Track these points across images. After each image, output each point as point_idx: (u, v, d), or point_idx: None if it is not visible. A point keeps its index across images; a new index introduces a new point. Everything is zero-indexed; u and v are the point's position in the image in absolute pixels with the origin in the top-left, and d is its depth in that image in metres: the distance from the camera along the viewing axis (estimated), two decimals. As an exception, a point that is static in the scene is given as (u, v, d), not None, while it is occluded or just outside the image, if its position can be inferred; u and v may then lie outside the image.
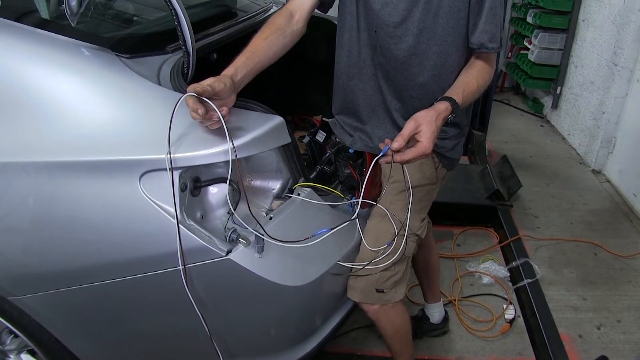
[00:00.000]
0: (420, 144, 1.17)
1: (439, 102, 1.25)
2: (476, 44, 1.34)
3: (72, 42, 1.28)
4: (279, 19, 1.37)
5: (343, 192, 1.61)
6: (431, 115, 1.20)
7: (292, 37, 1.39)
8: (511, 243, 2.73)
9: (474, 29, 1.32)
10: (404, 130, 1.18)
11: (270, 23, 1.36)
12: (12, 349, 1.57)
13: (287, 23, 1.37)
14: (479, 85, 1.34)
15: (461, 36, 1.34)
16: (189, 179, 1.19)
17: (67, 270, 1.27)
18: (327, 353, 2.06)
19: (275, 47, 1.34)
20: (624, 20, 3.35)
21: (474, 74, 1.35)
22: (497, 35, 1.33)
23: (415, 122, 1.19)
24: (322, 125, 1.72)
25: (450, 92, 1.29)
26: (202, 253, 1.18)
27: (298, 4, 1.40)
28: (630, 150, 3.31)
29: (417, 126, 1.18)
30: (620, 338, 2.20)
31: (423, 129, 1.18)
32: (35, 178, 1.20)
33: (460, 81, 1.34)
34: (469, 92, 1.31)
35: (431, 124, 1.19)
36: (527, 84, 4.56)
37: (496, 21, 1.31)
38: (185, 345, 1.44)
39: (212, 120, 1.12)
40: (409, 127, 1.18)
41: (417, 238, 1.51)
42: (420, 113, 1.21)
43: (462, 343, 2.18)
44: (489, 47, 1.33)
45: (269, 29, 1.34)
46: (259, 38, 1.33)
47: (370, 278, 1.46)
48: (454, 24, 1.32)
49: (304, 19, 1.41)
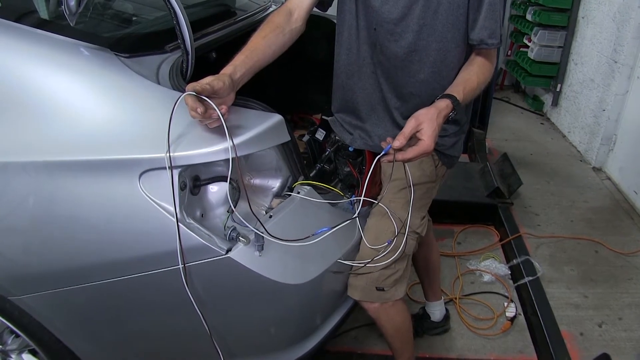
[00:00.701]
0: (422, 142, 1.17)
1: (440, 99, 1.25)
2: (476, 40, 1.34)
3: (71, 41, 1.28)
4: (278, 18, 1.37)
5: (343, 190, 1.61)
6: (432, 113, 1.20)
7: (291, 36, 1.38)
8: (512, 241, 2.72)
9: (474, 25, 1.32)
10: (405, 129, 1.18)
11: (269, 21, 1.36)
12: (14, 349, 1.57)
13: (286, 21, 1.37)
14: (479, 82, 1.34)
15: (461, 32, 1.34)
16: (188, 177, 1.19)
17: (67, 270, 1.28)
18: (327, 352, 2.06)
19: (274, 46, 1.34)
20: (623, 17, 3.35)
21: (475, 70, 1.35)
22: (497, 31, 1.33)
23: (417, 120, 1.19)
24: (321, 123, 1.72)
25: (451, 89, 1.29)
26: (202, 251, 1.18)
27: (297, 3, 1.40)
28: (631, 147, 3.31)
29: (419, 124, 1.18)
30: (621, 335, 2.20)
31: (424, 127, 1.18)
32: (35, 178, 1.21)
33: (461, 78, 1.34)
34: (469, 89, 1.31)
35: (432, 121, 1.18)
36: (527, 82, 4.55)
37: (496, 17, 1.31)
38: (185, 345, 1.44)
39: (212, 119, 1.12)
40: (410, 125, 1.18)
41: (417, 236, 1.51)
42: (421, 111, 1.21)
43: (463, 341, 2.18)
44: (489, 43, 1.33)
45: (268, 28, 1.34)
46: (258, 36, 1.32)
47: (371, 276, 1.46)
48: (453, 20, 1.31)
49: (303, 17, 1.41)
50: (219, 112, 1.09)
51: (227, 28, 1.70)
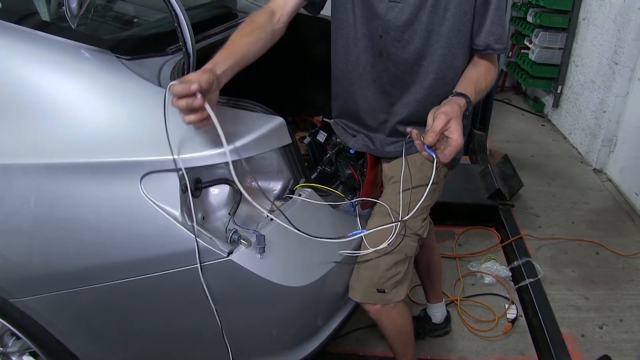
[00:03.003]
0: (454, 140, 1.13)
1: (457, 96, 1.23)
2: (482, 46, 1.33)
3: (72, 44, 1.28)
4: (260, 17, 1.32)
5: (344, 192, 1.61)
6: (457, 110, 1.16)
7: (272, 37, 1.34)
8: (513, 243, 2.72)
9: (479, 30, 1.31)
10: (435, 126, 1.13)
11: (250, 20, 1.31)
12: (15, 351, 1.57)
13: (267, 21, 1.32)
14: (487, 85, 1.33)
15: (466, 37, 1.33)
16: (190, 180, 1.19)
17: (68, 272, 1.28)
18: (329, 353, 2.06)
19: (256, 46, 1.28)
20: (624, 19, 3.35)
21: (482, 72, 1.34)
22: (503, 36, 1.32)
23: (446, 116, 1.13)
24: (322, 125, 1.72)
25: (464, 88, 1.27)
26: (204, 254, 1.18)
27: (280, 4, 1.36)
28: (632, 149, 3.31)
29: (448, 121, 1.13)
30: (622, 337, 2.20)
31: (452, 124, 1.13)
32: (37, 180, 1.20)
33: (471, 78, 1.32)
34: (479, 90, 1.29)
35: (458, 118, 1.15)
36: (527, 84, 4.55)
37: (502, 22, 1.30)
38: (186, 346, 1.44)
39: (203, 116, 1.06)
40: (441, 122, 1.13)
41: (418, 238, 1.51)
42: (446, 108, 1.16)
43: (464, 343, 2.18)
44: (496, 48, 1.32)
45: (249, 27, 1.29)
46: (238, 35, 1.27)
47: (372, 278, 1.46)
48: (459, 26, 1.31)
49: (285, 20, 1.37)
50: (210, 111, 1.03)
51: (229, 30, 1.70)
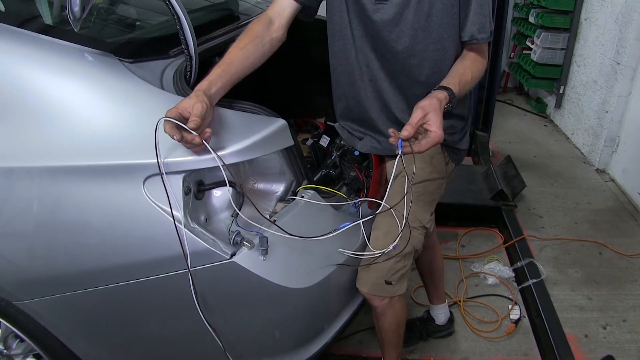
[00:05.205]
0: (433, 132, 1.17)
1: (437, 90, 1.26)
2: (467, 37, 1.35)
3: (75, 47, 1.28)
4: (257, 27, 1.35)
5: (348, 194, 1.61)
6: (435, 103, 1.20)
7: (271, 45, 1.36)
8: (516, 243, 2.72)
9: (465, 22, 1.34)
10: (412, 119, 1.17)
11: (249, 31, 1.34)
12: (18, 353, 1.58)
13: (265, 30, 1.35)
14: (473, 77, 1.35)
15: (456, 30, 1.36)
16: (192, 182, 1.20)
17: (71, 274, 1.28)
18: (332, 355, 2.06)
19: (253, 57, 1.31)
20: (626, 19, 3.35)
21: (468, 64, 1.36)
22: (487, 26, 1.34)
23: (423, 110, 1.18)
24: (326, 129, 1.72)
25: (447, 81, 1.30)
26: (207, 256, 1.19)
27: (278, 11, 1.38)
28: (634, 149, 3.30)
29: (425, 114, 1.18)
30: (626, 337, 2.19)
31: (431, 117, 1.18)
32: (40, 183, 1.21)
33: (456, 71, 1.34)
34: (464, 82, 1.32)
35: (437, 111, 1.19)
36: (530, 84, 4.55)
37: (484, 12, 1.32)
38: (189, 348, 1.44)
39: (194, 144, 1.10)
40: (417, 115, 1.18)
41: (425, 231, 1.52)
42: (424, 102, 1.21)
43: (468, 344, 2.17)
44: (479, 37, 1.34)
45: (247, 38, 1.32)
46: (236, 47, 1.30)
47: (381, 270, 1.47)
48: (448, 20, 1.33)
49: (284, 26, 1.39)
50: (205, 142, 1.09)
51: (231, 32, 1.70)
